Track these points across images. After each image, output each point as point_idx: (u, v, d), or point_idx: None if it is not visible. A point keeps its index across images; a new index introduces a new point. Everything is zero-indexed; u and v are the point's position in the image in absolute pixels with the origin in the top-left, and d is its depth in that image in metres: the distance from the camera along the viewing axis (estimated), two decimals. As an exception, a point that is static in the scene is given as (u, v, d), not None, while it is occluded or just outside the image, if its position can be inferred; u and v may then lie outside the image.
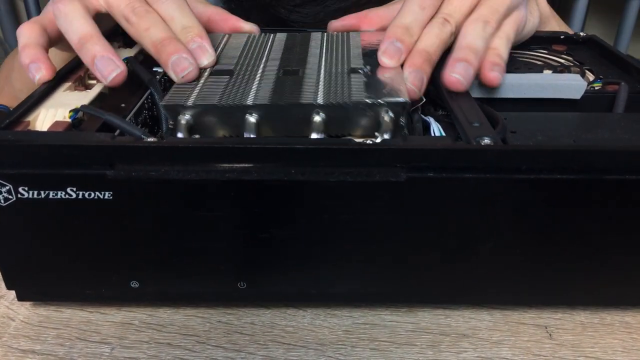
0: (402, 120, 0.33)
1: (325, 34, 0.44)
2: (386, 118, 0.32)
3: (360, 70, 0.36)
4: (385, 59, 0.37)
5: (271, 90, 0.34)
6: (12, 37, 1.45)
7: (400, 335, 0.33)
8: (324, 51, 0.41)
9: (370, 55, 0.39)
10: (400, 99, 0.32)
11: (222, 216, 0.30)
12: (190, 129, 0.32)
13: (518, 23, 0.41)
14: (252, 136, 0.32)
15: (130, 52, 0.42)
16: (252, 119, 0.32)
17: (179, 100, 0.33)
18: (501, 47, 0.39)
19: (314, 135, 0.32)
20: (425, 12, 0.38)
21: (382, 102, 0.32)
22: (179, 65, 0.36)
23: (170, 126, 0.33)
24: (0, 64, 0.68)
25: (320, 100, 0.32)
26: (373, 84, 0.34)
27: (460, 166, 0.29)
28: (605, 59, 0.47)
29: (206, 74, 0.37)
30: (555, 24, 0.56)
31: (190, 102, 0.32)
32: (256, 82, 0.35)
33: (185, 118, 0.32)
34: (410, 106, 0.34)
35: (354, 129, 0.33)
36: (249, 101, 0.33)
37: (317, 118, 0.32)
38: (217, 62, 0.38)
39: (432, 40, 0.37)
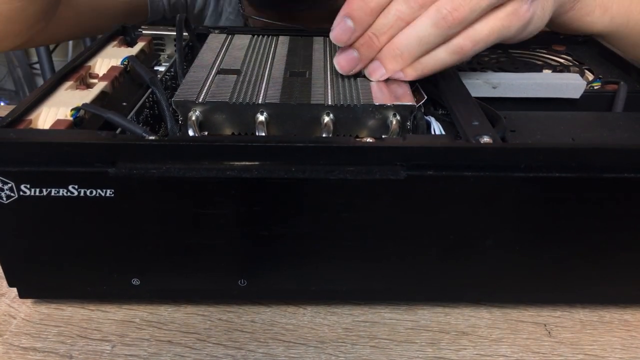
0: (409, 123, 0.33)
1: (327, 38, 0.45)
2: (394, 121, 0.32)
3: (365, 75, 0.37)
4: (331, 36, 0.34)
5: (280, 90, 0.34)
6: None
7: (400, 333, 0.33)
8: (328, 55, 0.41)
9: None
10: (408, 103, 0.33)
11: (223, 214, 0.30)
12: (200, 125, 0.33)
13: (507, 24, 0.33)
14: (262, 134, 0.32)
15: (131, 52, 0.42)
16: (262, 117, 0.32)
17: (189, 97, 0.33)
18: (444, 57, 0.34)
19: (323, 136, 0.33)
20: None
21: (390, 105, 0.32)
22: None
23: (179, 122, 0.33)
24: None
25: (330, 101, 0.33)
26: (380, 88, 0.35)
27: (460, 164, 0.29)
28: (605, 58, 0.47)
29: (213, 72, 0.37)
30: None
31: (201, 99, 0.33)
32: (264, 82, 0.36)
33: (195, 114, 0.32)
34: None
35: (362, 131, 0.33)
36: (260, 100, 0.33)
37: (327, 119, 0.33)
38: (223, 61, 0.39)
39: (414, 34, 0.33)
